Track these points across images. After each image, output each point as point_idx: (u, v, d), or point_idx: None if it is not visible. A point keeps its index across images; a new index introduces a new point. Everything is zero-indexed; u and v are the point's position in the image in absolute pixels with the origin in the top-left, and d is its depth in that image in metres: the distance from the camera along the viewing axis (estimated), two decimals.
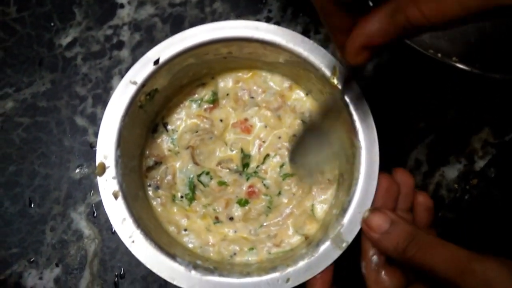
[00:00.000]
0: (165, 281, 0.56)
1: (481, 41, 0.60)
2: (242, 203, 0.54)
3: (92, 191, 0.59)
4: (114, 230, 0.58)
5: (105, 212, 0.57)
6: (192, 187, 0.54)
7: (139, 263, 0.57)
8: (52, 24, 0.64)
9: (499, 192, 0.59)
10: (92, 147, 0.60)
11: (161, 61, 0.50)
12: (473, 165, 0.60)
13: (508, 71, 0.57)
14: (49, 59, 0.63)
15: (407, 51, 0.58)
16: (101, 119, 0.60)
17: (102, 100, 0.62)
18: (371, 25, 0.29)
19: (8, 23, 0.63)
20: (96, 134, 0.61)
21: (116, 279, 0.57)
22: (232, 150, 0.55)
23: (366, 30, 0.29)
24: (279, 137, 0.56)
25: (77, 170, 0.60)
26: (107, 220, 0.58)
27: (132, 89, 0.49)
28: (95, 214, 0.59)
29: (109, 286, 0.57)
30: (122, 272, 0.58)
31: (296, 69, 0.53)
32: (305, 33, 0.63)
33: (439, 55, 0.58)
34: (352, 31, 0.31)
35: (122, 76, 0.61)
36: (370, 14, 0.30)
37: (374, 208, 0.45)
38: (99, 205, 0.59)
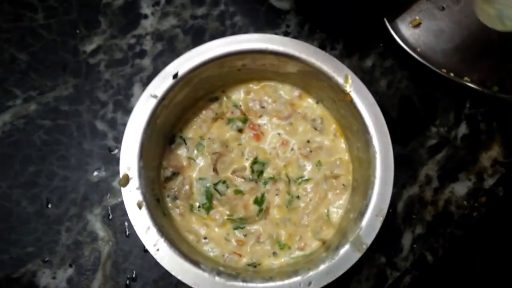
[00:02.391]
0: (176, 285, 0.58)
1: (492, 62, 0.62)
2: (259, 201, 0.55)
3: (109, 194, 0.61)
4: (129, 233, 0.59)
5: (121, 215, 0.60)
6: (209, 197, 0.55)
7: (151, 267, 0.59)
8: (78, 31, 0.66)
9: (507, 211, 0.60)
10: (110, 151, 0.62)
11: (179, 74, 0.52)
12: (482, 183, 0.61)
13: None
14: (73, 64, 0.65)
15: (420, 69, 0.61)
16: (121, 124, 0.63)
17: (122, 106, 0.64)
18: None
19: (35, 29, 0.66)
20: (115, 139, 0.62)
21: (128, 282, 0.58)
22: (247, 159, 0.57)
23: None
24: (293, 144, 0.57)
25: (95, 173, 0.61)
26: (122, 223, 0.60)
27: (153, 102, 0.51)
28: (110, 217, 0.60)
29: None
30: (134, 275, 0.58)
31: (308, 78, 0.55)
32: (322, 48, 0.65)
33: (452, 74, 0.60)
34: None
35: (143, 84, 0.64)
36: None
37: None
38: (115, 208, 0.60)
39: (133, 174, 0.49)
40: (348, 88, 0.51)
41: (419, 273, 0.58)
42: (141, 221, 0.48)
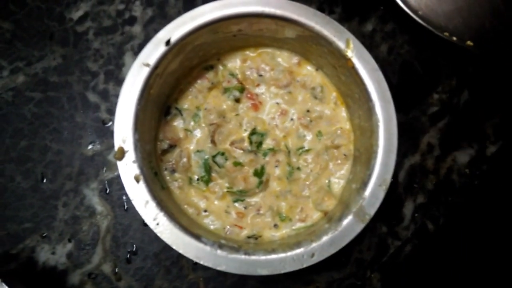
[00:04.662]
0: (177, 258, 0.58)
1: (496, 25, 0.60)
2: (259, 173, 0.54)
3: (105, 168, 0.59)
4: (127, 207, 0.59)
5: (118, 189, 0.59)
6: (208, 169, 0.54)
7: (151, 241, 0.58)
8: None
9: (508, 179, 0.60)
10: (104, 123, 0.60)
11: (172, 41, 0.49)
12: (484, 151, 0.60)
13: None
14: (60, 33, 0.62)
15: (422, 33, 0.58)
16: (113, 95, 0.61)
17: (114, 76, 0.61)
18: None
19: None
20: (108, 111, 0.60)
21: (128, 256, 0.58)
22: (245, 130, 0.56)
23: None
24: (293, 113, 0.56)
25: (90, 147, 0.60)
26: (119, 197, 0.59)
27: (145, 71, 0.49)
28: (107, 191, 0.59)
29: (122, 262, 0.58)
30: (134, 249, 0.58)
31: (308, 44, 0.53)
32: None
33: (454, 38, 0.58)
34: None
35: (134, 53, 0.61)
36: None
37: None
38: (112, 182, 0.59)
39: (129, 147, 0.48)
40: (350, 53, 0.49)
41: (420, 242, 0.59)
42: (139, 195, 0.47)
